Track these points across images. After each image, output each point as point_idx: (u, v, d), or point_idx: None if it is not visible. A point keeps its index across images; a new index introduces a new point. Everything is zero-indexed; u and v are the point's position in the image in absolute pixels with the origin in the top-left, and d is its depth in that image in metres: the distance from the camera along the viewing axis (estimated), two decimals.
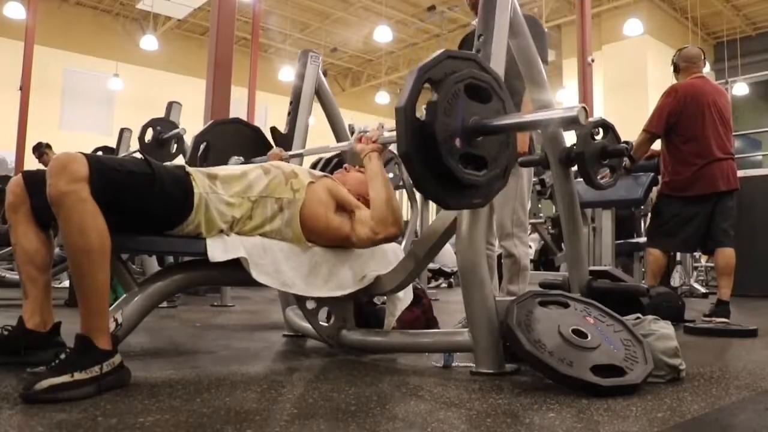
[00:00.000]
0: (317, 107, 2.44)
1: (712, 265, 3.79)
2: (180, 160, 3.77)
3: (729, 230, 2.89)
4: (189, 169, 1.48)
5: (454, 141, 1.23)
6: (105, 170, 1.25)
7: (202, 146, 2.27)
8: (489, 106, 1.30)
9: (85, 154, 1.25)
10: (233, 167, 1.59)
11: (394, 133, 1.45)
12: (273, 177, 1.57)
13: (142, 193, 1.32)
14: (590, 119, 2.04)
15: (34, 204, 1.42)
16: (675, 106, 2.90)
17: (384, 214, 1.58)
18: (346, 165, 1.83)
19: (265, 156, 2.15)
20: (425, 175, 1.24)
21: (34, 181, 1.41)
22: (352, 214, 1.63)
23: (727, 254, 2.88)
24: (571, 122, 1.21)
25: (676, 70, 3.13)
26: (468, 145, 1.26)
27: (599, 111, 9.35)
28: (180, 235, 1.42)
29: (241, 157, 2.27)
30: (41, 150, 5.09)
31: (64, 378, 1.10)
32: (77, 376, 1.12)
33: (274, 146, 2.25)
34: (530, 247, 5.00)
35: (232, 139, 2.32)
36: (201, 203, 1.42)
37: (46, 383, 1.08)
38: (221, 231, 1.47)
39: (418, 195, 4.25)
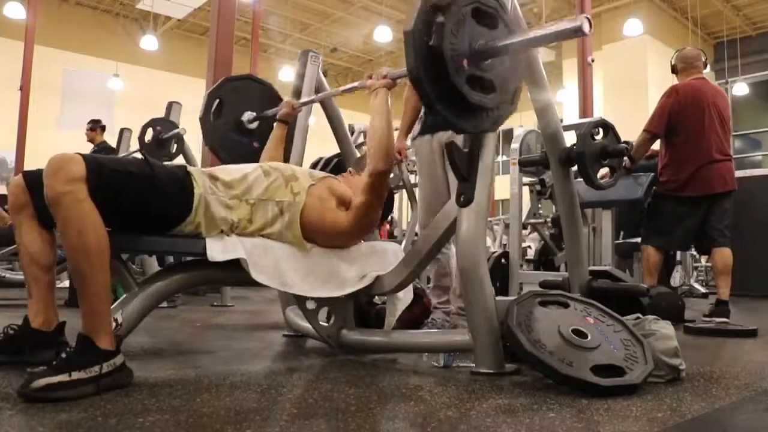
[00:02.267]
0: (317, 107, 2.44)
1: (711, 265, 3.79)
2: (180, 160, 3.77)
3: (725, 230, 2.90)
4: (190, 168, 1.48)
5: (461, 62, 1.26)
6: (102, 170, 1.24)
7: (215, 102, 2.29)
8: (495, 32, 1.33)
9: (82, 155, 1.25)
10: (234, 168, 1.58)
11: (401, 69, 1.50)
12: (273, 180, 1.57)
13: (140, 192, 1.32)
14: (590, 119, 2.04)
15: (36, 204, 1.42)
16: (675, 106, 2.90)
17: (378, 147, 1.58)
18: (350, 169, 1.83)
19: (277, 108, 2.17)
20: (435, 97, 1.26)
21: (36, 181, 1.41)
22: (350, 204, 1.63)
23: (724, 254, 2.88)
24: (575, 32, 1.21)
25: (674, 71, 3.13)
26: (475, 68, 1.29)
27: (599, 111, 9.35)
28: (179, 235, 1.42)
29: (254, 113, 2.30)
30: (95, 126, 5.12)
31: (62, 377, 1.10)
32: (75, 375, 1.12)
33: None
34: (530, 247, 5.00)
35: (244, 94, 2.34)
36: (201, 203, 1.42)
37: (42, 382, 1.08)
38: (221, 231, 1.47)
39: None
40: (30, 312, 1.46)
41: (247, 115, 2.30)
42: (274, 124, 2.12)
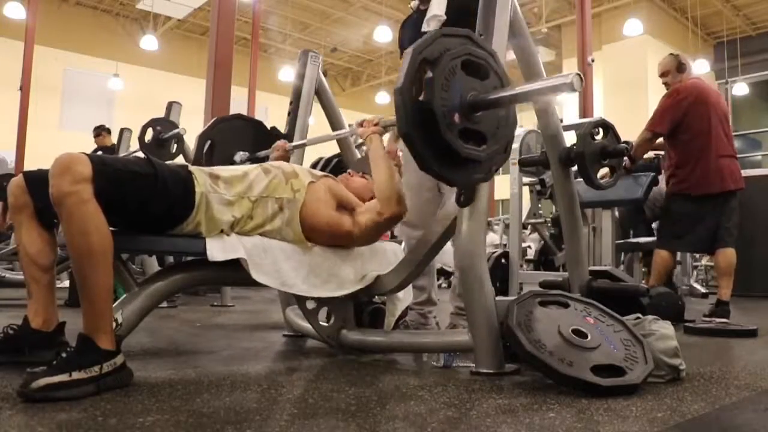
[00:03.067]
0: (317, 107, 2.44)
1: (712, 264, 3.80)
2: (180, 160, 3.77)
3: (733, 230, 2.90)
4: (191, 167, 1.48)
5: (452, 116, 1.25)
6: (108, 170, 1.25)
7: (206, 145, 2.29)
8: (487, 83, 1.32)
9: (87, 155, 1.25)
10: (235, 167, 1.59)
11: (392, 117, 1.49)
12: (273, 177, 1.57)
13: (144, 192, 1.32)
14: (590, 119, 2.04)
15: (37, 204, 1.42)
16: (680, 106, 2.90)
17: (389, 193, 1.59)
18: (350, 170, 1.83)
19: (270, 149, 2.16)
20: (427, 154, 1.26)
21: (36, 182, 1.41)
22: (352, 211, 1.63)
23: (728, 254, 2.88)
24: (566, 89, 1.21)
25: (681, 69, 3.06)
26: (467, 121, 1.28)
27: (599, 111, 9.35)
28: (180, 235, 1.42)
29: (246, 152, 2.29)
30: (99, 131, 5.12)
31: (62, 377, 1.10)
32: (75, 375, 1.12)
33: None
34: (530, 247, 5.00)
35: (236, 135, 2.34)
36: (202, 202, 1.42)
37: (42, 382, 1.08)
38: (221, 231, 1.47)
39: None
40: (30, 312, 1.46)
41: (240, 156, 2.29)
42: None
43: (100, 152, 4.34)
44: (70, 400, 1.08)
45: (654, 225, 4.08)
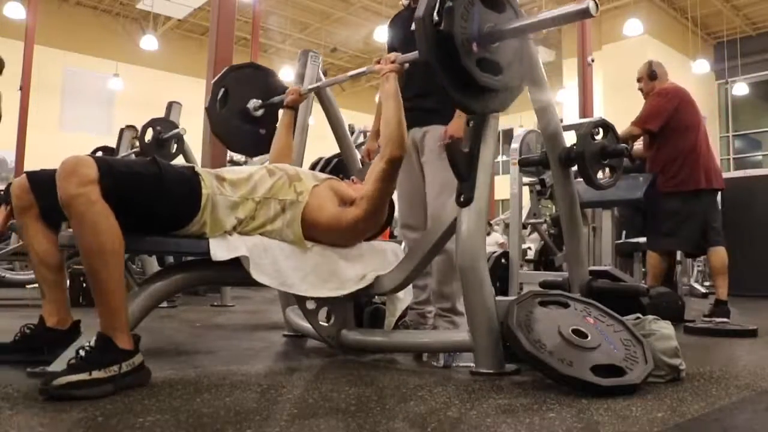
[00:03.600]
0: (317, 107, 2.44)
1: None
2: (180, 160, 3.77)
3: (720, 229, 2.95)
4: (198, 169, 1.49)
5: (471, 45, 1.31)
6: (114, 172, 1.25)
7: (220, 92, 2.30)
8: (503, 15, 1.37)
9: (94, 157, 1.26)
10: (240, 169, 1.59)
11: (411, 54, 1.56)
12: (277, 179, 1.58)
13: (150, 193, 1.33)
14: (590, 119, 2.04)
15: (42, 205, 1.42)
16: (671, 104, 2.98)
17: (393, 134, 1.61)
18: (353, 177, 1.83)
19: (283, 95, 2.18)
20: (446, 81, 1.31)
21: (40, 182, 1.41)
22: (353, 202, 1.63)
23: (721, 253, 2.91)
24: (582, 14, 1.23)
25: (654, 77, 3.18)
26: (485, 51, 1.34)
27: (599, 111, 9.35)
28: (184, 235, 1.42)
29: (260, 100, 2.31)
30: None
31: (82, 376, 1.11)
32: (95, 374, 1.12)
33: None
34: (530, 247, 4.99)
35: (249, 82, 2.36)
36: (208, 203, 1.42)
37: (63, 380, 1.09)
38: (225, 231, 1.47)
39: None
40: (44, 312, 1.48)
41: (253, 103, 2.32)
42: (281, 111, 2.12)
43: (99, 152, 4.34)
44: (89, 399, 1.09)
45: None
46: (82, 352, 1.17)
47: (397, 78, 1.68)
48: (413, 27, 1.94)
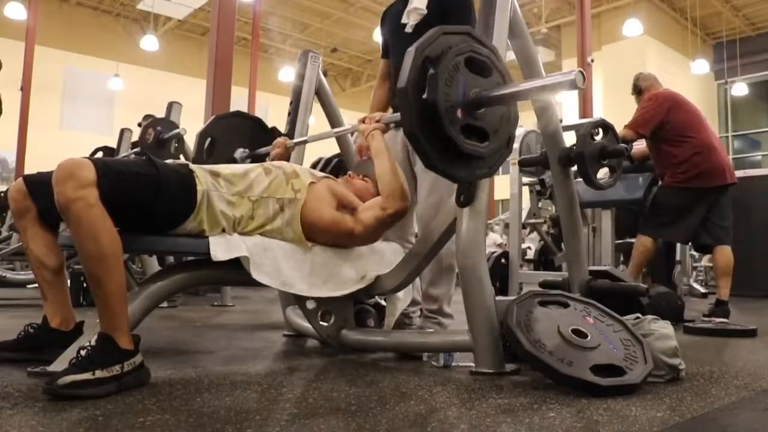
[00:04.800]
0: (317, 107, 2.44)
1: (711, 264, 3.81)
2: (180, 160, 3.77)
3: (729, 228, 2.95)
4: (192, 166, 1.48)
5: (455, 112, 1.27)
6: (111, 174, 1.25)
7: (206, 142, 2.30)
8: (489, 80, 1.33)
9: (91, 159, 1.26)
10: (236, 166, 1.59)
11: (394, 114, 1.53)
12: (274, 177, 1.57)
13: (148, 194, 1.33)
14: (590, 119, 2.04)
15: (39, 208, 1.42)
16: (661, 108, 3.00)
17: (392, 188, 1.62)
18: (350, 173, 1.83)
19: (270, 146, 2.16)
20: (431, 151, 1.28)
21: (37, 185, 1.41)
22: (354, 210, 1.64)
23: (727, 253, 2.91)
24: (569, 86, 1.22)
25: (639, 91, 3.25)
26: (470, 117, 1.29)
27: (599, 111, 9.35)
28: (182, 234, 1.42)
29: (247, 149, 2.30)
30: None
31: (86, 375, 1.11)
32: (99, 374, 1.13)
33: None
34: (530, 247, 4.99)
35: (235, 132, 2.35)
36: (203, 200, 1.42)
37: (68, 379, 1.09)
38: (223, 230, 1.47)
39: None
40: (47, 312, 1.49)
41: (240, 153, 2.30)
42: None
43: (100, 153, 4.34)
44: (93, 398, 1.09)
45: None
46: (83, 352, 1.17)
47: (382, 135, 1.69)
48: (403, 20, 1.95)
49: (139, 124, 3.93)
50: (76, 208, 1.18)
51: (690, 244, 3.69)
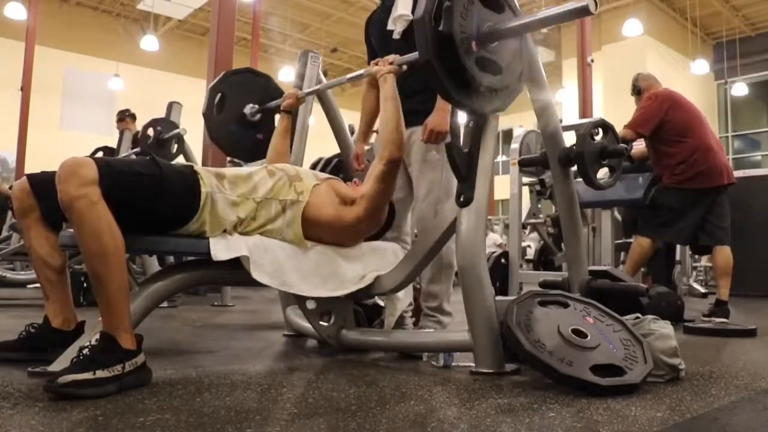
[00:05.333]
0: (317, 107, 2.44)
1: (711, 264, 3.81)
2: (180, 160, 3.77)
3: (727, 229, 2.96)
4: (197, 167, 1.49)
5: (470, 43, 1.30)
6: (114, 172, 1.26)
7: (217, 97, 2.31)
8: (502, 16, 1.37)
9: (93, 158, 1.26)
10: (240, 168, 1.59)
11: (409, 55, 1.57)
12: (278, 179, 1.58)
13: (150, 193, 1.33)
14: (590, 119, 2.04)
15: (43, 207, 1.43)
16: (661, 108, 3.00)
17: (391, 135, 1.62)
18: (355, 180, 1.83)
19: (280, 100, 2.17)
20: (446, 81, 1.30)
21: (40, 184, 1.41)
22: (354, 201, 1.63)
23: (726, 253, 2.92)
24: (581, 12, 1.23)
25: (639, 92, 3.26)
26: (484, 50, 1.33)
27: (599, 111, 9.35)
28: (184, 235, 1.42)
29: (256, 105, 2.31)
30: (123, 116, 5.02)
31: (87, 375, 1.11)
32: (99, 374, 1.13)
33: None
34: (530, 247, 4.99)
35: (245, 87, 2.36)
36: (207, 202, 1.42)
37: (69, 378, 1.09)
38: (224, 231, 1.47)
39: None
40: (48, 313, 1.49)
41: (250, 108, 2.32)
42: (278, 115, 2.12)
43: (100, 153, 4.34)
44: (93, 398, 1.09)
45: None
46: (85, 351, 1.17)
47: (394, 78, 1.68)
48: (389, 26, 1.95)
49: (137, 134, 3.94)
50: (79, 206, 1.18)
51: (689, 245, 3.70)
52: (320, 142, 3.16)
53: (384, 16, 2.01)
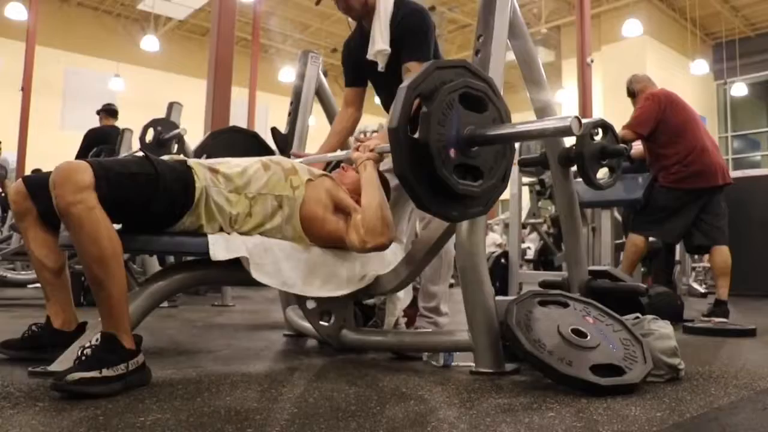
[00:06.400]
0: (317, 107, 2.45)
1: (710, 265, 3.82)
2: None
3: (724, 228, 2.97)
4: (190, 162, 1.47)
5: (448, 151, 1.21)
6: (109, 175, 1.25)
7: (202, 158, 2.29)
8: (485, 116, 1.27)
9: (88, 161, 1.25)
10: (234, 161, 1.58)
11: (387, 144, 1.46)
12: (272, 173, 1.56)
13: (146, 193, 1.33)
14: (589, 119, 2.05)
15: (40, 209, 1.43)
16: (659, 108, 3.01)
17: (374, 224, 1.54)
18: (343, 164, 1.82)
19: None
20: (423, 193, 1.22)
21: (37, 186, 1.41)
22: (348, 217, 1.62)
23: (724, 253, 2.92)
24: (564, 132, 1.20)
25: (633, 94, 3.26)
26: (463, 156, 1.24)
27: (598, 111, 9.35)
28: (181, 232, 1.42)
29: None
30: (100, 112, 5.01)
31: (93, 373, 1.12)
32: (105, 372, 1.13)
33: (276, 150, 2.26)
34: (529, 247, 5.00)
35: (231, 148, 2.33)
36: (202, 196, 1.41)
37: (77, 375, 1.10)
38: (221, 229, 1.47)
39: None
40: (50, 313, 1.50)
41: None
42: None
43: (102, 153, 4.34)
44: (100, 397, 1.10)
45: None
46: (88, 351, 1.17)
47: (375, 165, 1.65)
48: (369, 56, 1.92)
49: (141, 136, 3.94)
50: (76, 212, 1.18)
51: (684, 245, 3.71)
52: (320, 142, 3.15)
53: (362, 42, 1.97)
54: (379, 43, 1.89)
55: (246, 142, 2.38)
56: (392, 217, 1.70)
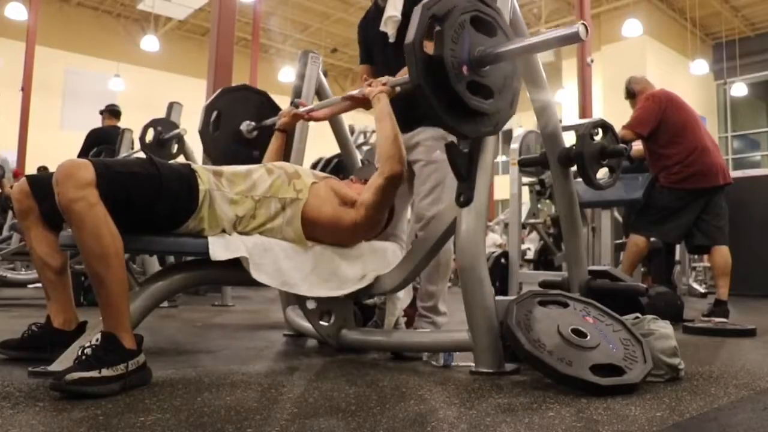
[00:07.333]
0: None
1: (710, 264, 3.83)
2: (181, 160, 3.77)
3: (725, 228, 2.97)
4: (194, 166, 1.48)
5: (461, 68, 1.30)
6: (111, 173, 1.26)
7: (213, 114, 2.30)
8: (494, 39, 1.37)
9: (90, 159, 1.26)
10: (238, 166, 1.59)
11: (401, 77, 1.57)
12: (276, 177, 1.58)
13: (148, 193, 1.33)
14: (589, 120, 2.05)
15: (43, 209, 1.43)
16: (659, 108, 3.01)
17: (391, 152, 1.61)
18: (352, 177, 1.83)
19: (276, 117, 2.16)
20: (437, 105, 1.30)
21: (40, 185, 1.42)
22: (353, 204, 1.63)
23: (724, 253, 2.93)
24: (572, 39, 1.24)
25: (632, 95, 3.27)
26: (475, 74, 1.32)
27: (598, 111, 9.35)
28: (183, 233, 1.42)
29: (253, 122, 2.31)
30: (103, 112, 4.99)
31: (93, 373, 1.12)
32: (104, 372, 1.13)
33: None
34: (529, 248, 5.00)
35: (242, 104, 2.35)
36: (206, 199, 1.42)
37: (76, 375, 1.10)
38: (223, 230, 1.47)
39: None
40: (50, 312, 1.50)
41: (246, 125, 2.30)
42: (274, 133, 2.11)
43: (102, 153, 4.34)
44: (99, 397, 1.10)
45: None
46: (88, 351, 1.18)
47: (388, 98, 1.68)
48: (382, 27, 1.95)
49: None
50: (77, 208, 1.18)
51: (684, 245, 3.71)
52: (320, 142, 3.16)
53: (376, 16, 2.00)
54: (390, 10, 1.91)
55: (256, 100, 2.39)
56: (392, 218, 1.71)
